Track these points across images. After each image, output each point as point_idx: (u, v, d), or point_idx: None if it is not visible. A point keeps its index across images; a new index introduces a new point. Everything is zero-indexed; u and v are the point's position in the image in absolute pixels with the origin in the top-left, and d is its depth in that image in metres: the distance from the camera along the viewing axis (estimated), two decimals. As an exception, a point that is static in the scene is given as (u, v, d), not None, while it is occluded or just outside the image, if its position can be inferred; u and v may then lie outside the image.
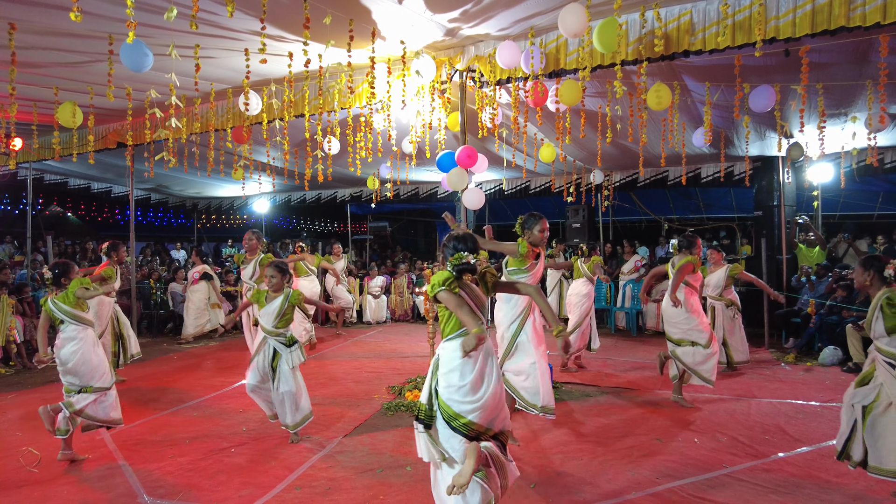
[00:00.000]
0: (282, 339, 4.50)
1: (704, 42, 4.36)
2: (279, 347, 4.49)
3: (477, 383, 2.78)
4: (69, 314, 4.23)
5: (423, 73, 5.41)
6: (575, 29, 4.31)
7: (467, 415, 2.75)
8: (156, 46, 4.77)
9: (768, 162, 9.02)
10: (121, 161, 9.74)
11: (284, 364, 4.48)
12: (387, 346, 8.79)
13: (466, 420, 2.75)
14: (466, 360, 2.76)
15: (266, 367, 4.50)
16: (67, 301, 4.23)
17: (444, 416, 2.78)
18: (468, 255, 2.89)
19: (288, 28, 4.98)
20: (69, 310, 4.23)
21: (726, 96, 6.12)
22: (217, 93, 6.44)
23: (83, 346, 4.21)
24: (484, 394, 2.78)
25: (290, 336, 4.57)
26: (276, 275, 4.56)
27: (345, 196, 13.58)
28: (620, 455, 4.21)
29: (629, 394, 5.89)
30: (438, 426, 2.81)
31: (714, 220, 13.97)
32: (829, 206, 11.19)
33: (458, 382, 2.77)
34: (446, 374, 2.81)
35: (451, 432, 2.75)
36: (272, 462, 4.14)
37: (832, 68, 5.48)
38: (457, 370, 2.79)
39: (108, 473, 4.02)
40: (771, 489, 3.64)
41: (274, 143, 7.62)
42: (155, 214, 18.13)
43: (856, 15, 3.89)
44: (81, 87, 6.19)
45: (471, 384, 2.77)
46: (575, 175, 10.56)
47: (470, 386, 2.77)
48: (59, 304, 4.23)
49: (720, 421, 4.98)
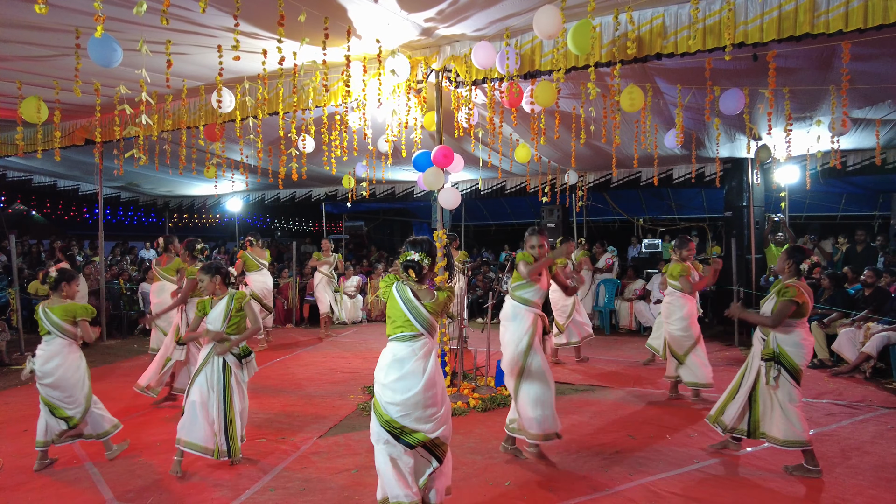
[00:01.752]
0: (234, 350, 4.06)
1: (676, 45, 4.44)
2: (230, 359, 4.04)
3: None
4: (58, 326, 4.08)
5: (399, 72, 5.40)
6: (550, 30, 4.34)
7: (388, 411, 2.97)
8: (125, 41, 4.67)
9: (738, 163, 9.23)
10: (89, 158, 9.49)
11: (234, 379, 4.03)
12: (362, 346, 8.75)
13: (388, 417, 2.96)
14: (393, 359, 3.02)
15: (215, 383, 3.98)
16: (57, 313, 4.08)
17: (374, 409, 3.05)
18: (414, 253, 3.04)
19: (262, 25, 4.92)
20: (58, 322, 4.08)
21: (697, 99, 6.25)
22: (189, 90, 6.32)
23: (65, 363, 4.06)
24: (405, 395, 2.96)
25: (243, 346, 4.14)
26: (204, 277, 4.12)
27: (320, 195, 13.46)
28: (594, 452, 4.27)
29: (602, 391, 5.97)
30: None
31: (685, 220, 14.23)
32: (795, 207, 11.50)
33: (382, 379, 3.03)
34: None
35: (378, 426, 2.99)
36: (245, 463, 4.09)
37: (798, 73, 5.63)
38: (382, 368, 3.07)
39: (75, 477, 3.92)
40: (739, 483, 3.74)
41: (247, 140, 7.52)
42: (125, 213, 17.72)
43: (819, 22, 4.01)
44: (47, 82, 6.02)
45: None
46: (550, 175, 10.65)
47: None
48: (50, 315, 4.09)
49: (691, 417, 5.08)
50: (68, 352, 4.10)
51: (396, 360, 3.02)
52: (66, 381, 4.05)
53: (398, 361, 3.01)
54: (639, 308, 9.70)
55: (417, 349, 3.03)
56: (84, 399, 4.13)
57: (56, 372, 4.02)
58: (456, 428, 4.79)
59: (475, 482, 3.76)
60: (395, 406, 2.94)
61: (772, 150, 7.80)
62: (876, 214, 12.54)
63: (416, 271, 3.05)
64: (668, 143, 7.07)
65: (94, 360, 7.72)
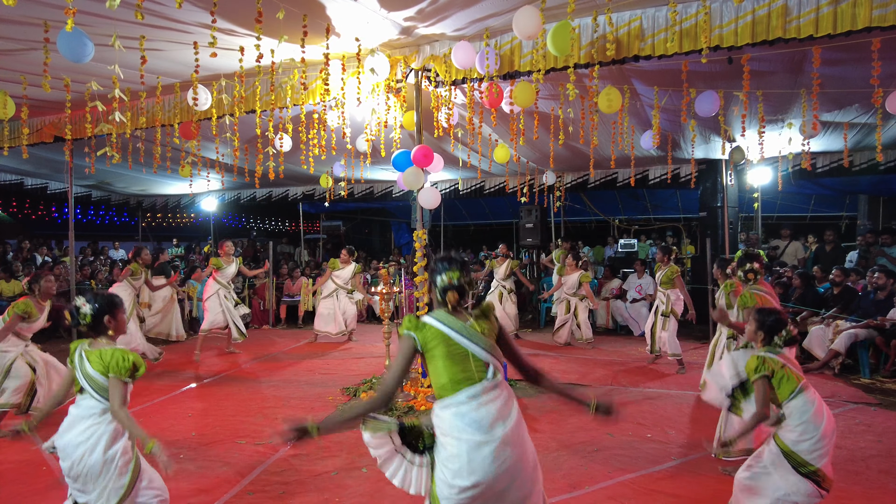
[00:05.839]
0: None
1: (654, 47, 4.50)
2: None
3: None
4: (92, 382, 2.77)
5: (378, 71, 5.37)
6: (529, 31, 4.37)
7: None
8: (97, 36, 4.55)
9: (712, 165, 9.40)
10: (58, 156, 9.25)
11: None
12: (341, 347, 8.68)
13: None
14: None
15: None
16: (94, 361, 2.78)
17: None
18: (457, 273, 2.36)
19: (239, 22, 4.85)
20: (92, 373, 2.77)
21: (673, 101, 6.34)
22: (164, 87, 6.20)
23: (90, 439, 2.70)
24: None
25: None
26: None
27: (297, 194, 13.33)
28: (573, 450, 4.30)
29: (580, 389, 6.02)
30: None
31: (661, 220, 14.44)
32: (767, 207, 11.77)
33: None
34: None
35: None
36: (224, 467, 4.03)
37: (771, 77, 5.76)
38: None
39: (51, 483, 3.81)
40: (716, 479, 3.80)
41: (223, 139, 7.41)
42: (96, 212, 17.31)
43: (791, 27, 4.11)
44: (13, 77, 5.85)
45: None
46: (528, 176, 10.71)
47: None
48: (85, 364, 2.78)
49: (668, 415, 5.15)
50: (101, 421, 2.73)
51: (477, 425, 2.18)
52: (87, 467, 2.67)
53: (479, 425, 2.18)
54: (616, 307, 9.81)
55: (502, 396, 2.27)
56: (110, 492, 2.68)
57: (75, 452, 2.67)
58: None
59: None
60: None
61: (745, 152, 7.96)
62: (843, 215, 12.90)
63: (460, 296, 2.36)
64: (644, 145, 7.16)
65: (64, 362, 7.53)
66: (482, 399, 2.21)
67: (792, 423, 2.82)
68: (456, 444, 2.18)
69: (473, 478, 2.13)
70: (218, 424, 4.89)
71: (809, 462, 2.77)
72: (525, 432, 2.32)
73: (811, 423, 2.79)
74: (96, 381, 2.71)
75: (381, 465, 2.39)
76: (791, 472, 2.78)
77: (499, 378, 2.29)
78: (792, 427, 2.82)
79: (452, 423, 2.20)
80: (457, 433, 2.18)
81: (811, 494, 2.76)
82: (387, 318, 5.88)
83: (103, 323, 2.80)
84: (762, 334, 3.05)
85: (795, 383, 2.86)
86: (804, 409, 2.81)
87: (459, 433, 2.18)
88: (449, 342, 2.28)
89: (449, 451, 2.20)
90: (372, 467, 3.97)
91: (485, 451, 2.15)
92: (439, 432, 2.27)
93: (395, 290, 6.10)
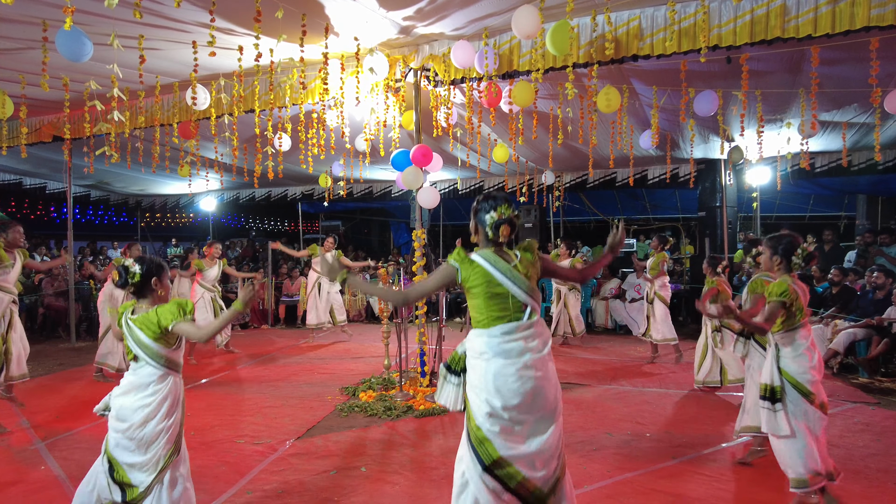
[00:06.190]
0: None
1: (652, 47, 4.51)
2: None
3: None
4: (145, 347, 2.79)
5: (377, 70, 5.37)
6: (528, 31, 4.37)
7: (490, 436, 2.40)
8: (96, 35, 4.55)
9: (711, 164, 9.40)
10: (57, 155, 9.24)
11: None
12: (339, 346, 8.68)
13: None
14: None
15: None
16: (141, 325, 2.79)
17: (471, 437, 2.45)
18: (509, 207, 2.51)
19: (238, 21, 4.85)
20: (144, 339, 2.77)
21: (672, 100, 6.34)
22: (163, 86, 6.20)
23: (150, 404, 2.75)
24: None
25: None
26: None
27: (296, 194, 13.32)
28: (572, 450, 4.30)
29: (580, 389, 6.02)
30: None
31: (660, 220, 14.44)
32: (766, 207, 11.76)
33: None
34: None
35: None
36: (222, 467, 4.02)
37: (769, 76, 5.76)
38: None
39: (43, 485, 3.81)
40: (715, 478, 3.80)
41: (222, 138, 7.40)
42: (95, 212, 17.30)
43: (790, 27, 4.12)
44: (12, 76, 5.84)
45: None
46: (527, 176, 10.72)
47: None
48: (134, 330, 2.78)
49: (667, 414, 5.15)
50: (162, 387, 2.75)
51: (505, 354, 2.41)
52: (145, 432, 2.70)
53: (507, 353, 2.41)
54: (614, 307, 9.81)
55: (534, 336, 2.46)
56: (159, 458, 2.73)
57: (132, 416, 2.70)
58: (438, 428, 4.79)
59: (455, 481, 3.76)
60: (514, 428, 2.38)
61: (744, 152, 7.96)
62: (842, 215, 12.90)
63: (511, 229, 2.51)
64: (643, 144, 7.17)
65: (65, 362, 7.53)
66: (515, 335, 2.43)
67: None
68: (484, 365, 2.43)
69: (500, 397, 2.37)
70: (217, 424, 4.89)
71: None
72: (551, 366, 2.50)
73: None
74: (150, 349, 2.72)
75: (439, 390, 2.67)
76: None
77: (534, 319, 2.49)
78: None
79: (483, 348, 2.45)
80: (486, 357, 2.44)
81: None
82: (385, 317, 5.88)
83: (150, 285, 2.82)
84: (779, 258, 3.12)
85: (801, 317, 3.11)
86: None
87: (489, 357, 2.43)
88: (492, 281, 2.46)
89: (478, 373, 2.45)
90: (371, 467, 3.97)
91: (509, 371, 2.39)
92: (470, 354, 2.51)
93: (395, 289, 6.10)
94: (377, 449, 4.36)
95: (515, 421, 2.39)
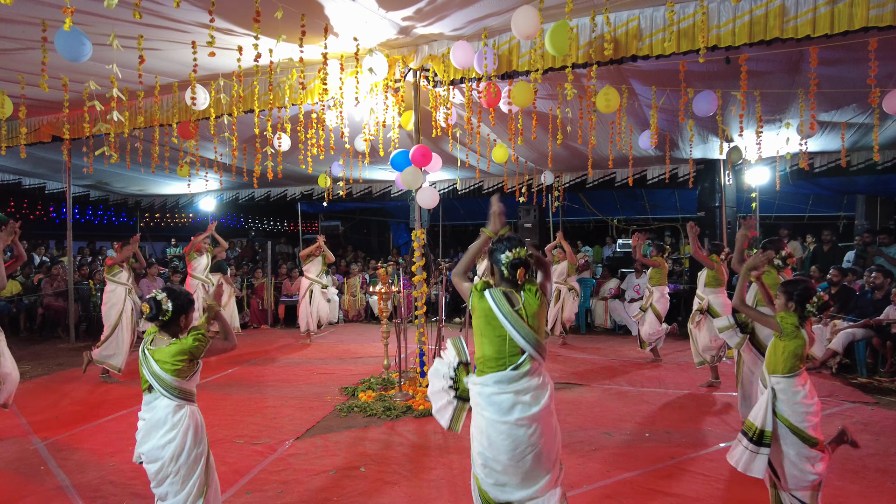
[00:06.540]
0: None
1: (651, 47, 4.51)
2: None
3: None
4: (161, 381, 2.77)
5: (376, 70, 5.37)
6: (527, 31, 4.37)
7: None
8: (95, 35, 4.55)
9: (710, 164, 9.41)
10: (56, 155, 9.23)
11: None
12: (339, 347, 8.68)
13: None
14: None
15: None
16: (161, 358, 2.80)
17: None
18: (521, 249, 2.51)
19: (237, 21, 4.85)
20: (160, 373, 2.74)
21: (671, 100, 6.35)
22: (162, 86, 6.20)
23: (174, 439, 2.75)
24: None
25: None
26: None
27: (295, 194, 13.32)
28: (571, 449, 4.30)
29: (579, 389, 6.03)
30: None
31: (659, 220, 14.44)
32: (765, 207, 11.76)
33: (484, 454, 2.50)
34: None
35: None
36: (222, 467, 4.01)
37: (768, 76, 5.77)
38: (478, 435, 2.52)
39: (41, 485, 3.81)
40: (714, 478, 3.81)
41: (222, 139, 7.41)
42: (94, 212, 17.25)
43: (788, 27, 4.12)
44: (11, 76, 5.84)
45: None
46: (526, 176, 10.72)
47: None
48: (150, 362, 2.78)
49: (666, 414, 5.16)
50: (180, 418, 2.74)
51: (496, 407, 2.44)
52: (178, 465, 2.71)
53: (498, 408, 2.44)
54: (614, 307, 9.82)
55: (530, 385, 2.47)
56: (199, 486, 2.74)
57: (163, 453, 2.69)
58: (437, 428, 4.78)
59: (460, 482, 3.76)
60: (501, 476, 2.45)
61: (743, 152, 7.97)
62: (841, 215, 12.91)
63: (527, 270, 2.51)
64: (642, 145, 7.17)
65: (64, 362, 7.53)
66: (505, 387, 2.44)
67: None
68: (480, 418, 2.50)
69: (491, 453, 2.43)
70: (216, 424, 4.89)
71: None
72: (549, 417, 2.49)
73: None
74: (164, 381, 2.72)
75: (432, 370, 2.73)
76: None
77: (528, 368, 2.46)
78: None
79: (477, 400, 2.51)
80: (480, 409, 2.50)
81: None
82: (385, 317, 5.88)
83: (178, 321, 2.82)
84: (794, 305, 3.05)
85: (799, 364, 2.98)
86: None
87: (482, 410, 2.49)
88: (492, 321, 2.48)
89: (475, 422, 2.53)
90: (370, 467, 3.98)
91: (501, 430, 2.42)
92: (471, 400, 2.58)
93: (394, 289, 6.10)
94: (376, 449, 4.36)
95: (506, 474, 2.44)
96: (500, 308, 2.46)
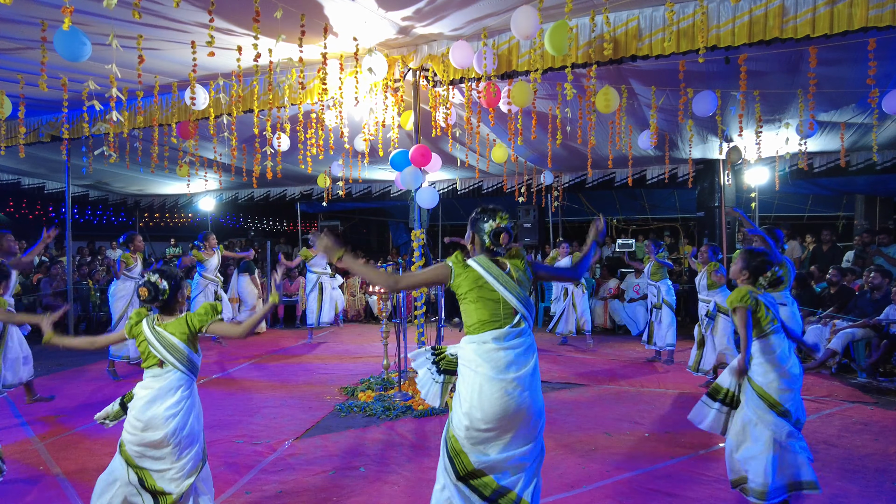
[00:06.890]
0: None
1: (651, 47, 4.52)
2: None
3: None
4: (176, 352, 2.88)
5: (376, 70, 5.37)
6: (527, 31, 4.37)
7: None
8: (94, 35, 4.55)
9: (710, 164, 9.41)
10: (55, 155, 9.23)
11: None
12: (339, 346, 8.68)
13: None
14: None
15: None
16: (174, 330, 2.92)
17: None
18: (506, 217, 2.60)
19: (237, 21, 4.85)
20: (176, 343, 2.85)
21: (671, 100, 6.35)
22: (161, 86, 6.20)
23: (184, 409, 2.83)
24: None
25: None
26: None
27: (295, 194, 13.31)
28: (571, 449, 4.30)
29: (578, 389, 6.03)
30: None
31: (658, 220, 14.45)
32: (765, 207, 11.77)
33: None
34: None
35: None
36: (221, 467, 4.02)
37: (767, 77, 5.77)
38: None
39: (41, 485, 3.80)
40: (714, 478, 3.81)
41: (221, 138, 7.41)
42: (93, 212, 17.24)
43: (788, 27, 4.13)
44: (10, 76, 5.84)
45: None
46: (526, 176, 10.72)
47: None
48: (164, 335, 2.85)
49: (665, 414, 5.16)
50: (188, 393, 2.85)
51: (493, 363, 2.46)
52: (182, 438, 2.76)
53: (495, 364, 2.46)
54: (613, 307, 9.82)
55: (523, 345, 2.53)
56: (193, 461, 2.82)
57: (165, 425, 2.72)
58: (436, 428, 4.79)
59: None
60: (488, 433, 2.45)
61: (742, 152, 7.97)
62: (840, 215, 12.92)
63: (510, 238, 2.58)
64: (642, 145, 7.18)
65: (63, 362, 7.53)
66: (503, 343, 2.48)
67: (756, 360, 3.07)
68: (472, 375, 2.49)
69: (482, 412, 2.43)
70: (216, 424, 4.89)
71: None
72: (536, 381, 2.55)
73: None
74: (181, 352, 2.80)
75: (415, 365, 2.79)
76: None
77: (522, 327, 2.54)
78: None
79: (472, 357, 2.50)
80: (474, 366, 2.49)
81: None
82: (385, 317, 5.88)
83: (176, 298, 2.92)
84: (748, 273, 3.16)
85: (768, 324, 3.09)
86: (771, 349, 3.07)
87: (476, 366, 2.48)
88: (484, 286, 2.53)
89: (466, 382, 2.51)
90: (370, 467, 3.97)
91: (494, 387, 2.43)
92: (461, 362, 2.58)
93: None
94: (376, 449, 4.36)
95: (493, 434, 2.46)
96: (490, 272, 2.54)
